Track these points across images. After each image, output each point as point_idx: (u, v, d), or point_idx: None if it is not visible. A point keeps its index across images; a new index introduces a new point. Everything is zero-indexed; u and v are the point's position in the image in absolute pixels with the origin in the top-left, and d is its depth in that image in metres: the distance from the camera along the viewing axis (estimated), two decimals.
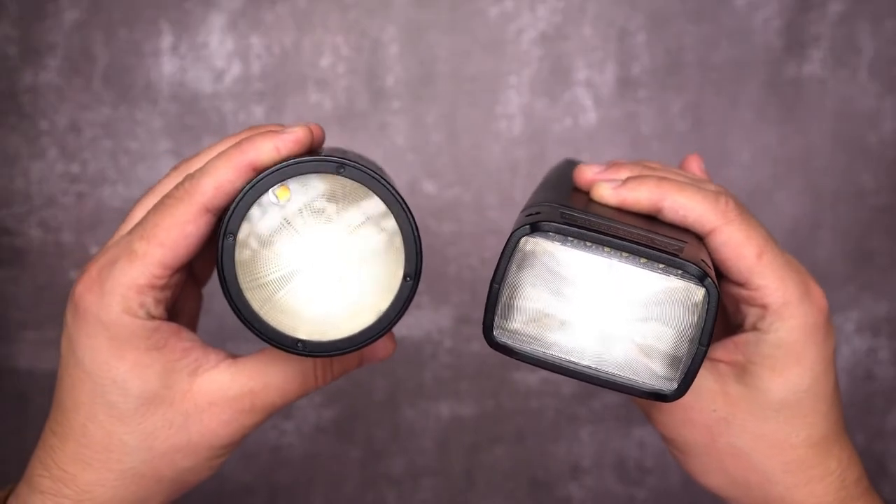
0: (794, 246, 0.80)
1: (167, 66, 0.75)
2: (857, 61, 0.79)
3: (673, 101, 0.78)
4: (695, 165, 0.46)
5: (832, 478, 0.41)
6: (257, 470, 0.78)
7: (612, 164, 0.43)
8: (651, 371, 0.37)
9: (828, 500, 0.40)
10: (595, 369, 0.38)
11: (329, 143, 0.77)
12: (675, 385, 0.37)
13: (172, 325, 0.40)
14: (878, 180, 0.80)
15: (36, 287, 0.75)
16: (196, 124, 0.75)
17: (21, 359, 0.75)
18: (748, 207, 0.81)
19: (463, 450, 0.80)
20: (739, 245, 0.39)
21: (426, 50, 0.76)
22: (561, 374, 0.38)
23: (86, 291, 0.40)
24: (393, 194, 0.39)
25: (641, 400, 0.39)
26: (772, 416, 0.40)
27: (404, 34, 0.76)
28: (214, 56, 0.75)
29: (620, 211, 0.40)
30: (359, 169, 0.39)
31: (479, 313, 0.44)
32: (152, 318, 0.39)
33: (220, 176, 0.38)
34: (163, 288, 0.39)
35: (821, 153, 0.80)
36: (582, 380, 0.38)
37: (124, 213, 0.76)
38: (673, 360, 0.37)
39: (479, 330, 0.82)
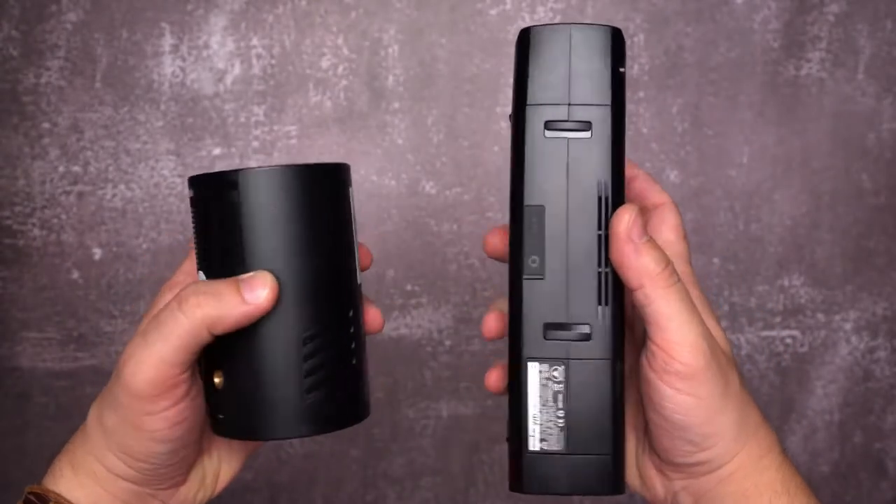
0: (792, 246, 0.81)
1: (168, 67, 0.75)
2: (855, 62, 0.80)
3: (672, 101, 0.79)
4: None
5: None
6: (258, 469, 0.78)
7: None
8: None
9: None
10: None
11: (329, 143, 0.77)
12: None
13: None
14: (876, 180, 0.81)
15: (37, 287, 0.75)
16: (197, 125, 0.76)
17: (22, 358, 0.75)
18: (748, 208, 0.82)
19: (463, 450, 0.80)
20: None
21: (426, 50, 0.77)
22: None
23: None
24: None
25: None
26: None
27: (404, 34, 0.77)
28: (215, 57, 0.75)
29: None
30: None
31: (479, 312, 0.44)
32: None
33: None
34: None
35: (819, 153, 0.80)
36: None
37: (125, 214, 0.77)
38: None
39: (478, 329, 0.82)
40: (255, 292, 0.39)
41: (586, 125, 0.41)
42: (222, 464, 0.46)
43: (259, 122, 0.76)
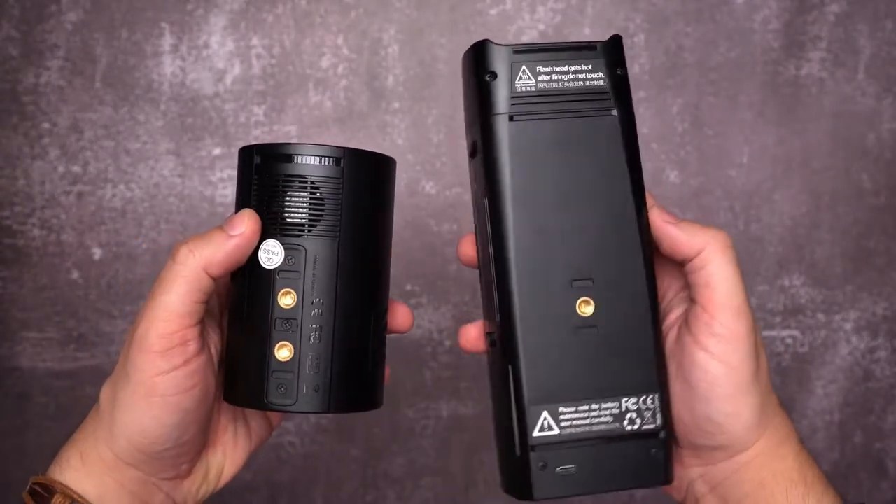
0: (793, 246, 0.81)
1: (168, 67, 0.75)
2: (855, 62, 0.80)
3: (672, 101, 0.79)
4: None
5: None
6: (258, 469, 0.78)
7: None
8: None
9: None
10: None
11: (329, 143, 0.77)
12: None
13: None
14: (876, 180, 0.81)
15: (37, 287, 0.75)
16: (197, 125, 0.76)
17: (22, 358, 0.75)
18: (748, 208, 0.82)
19: (463, 450, 0.80)
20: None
21: (426, 50, 0.77)
22: None
23: None
24: None
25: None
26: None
27: (404, 34, 0.77)
28: (215, 57, 0.76)
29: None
30: None
31: (479, 313, 0.45)
32: None
33: None
34: None
35: (819, 153, 0.80)
36: None
37: (125, 214, 0.77)
38: None
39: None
40: (238, 228, 0.41)
41: (474, 145, 0.43)
42: (227, 459, 0.47)
43: (259, 122, 0.76)
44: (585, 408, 0.40)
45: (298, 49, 0.76)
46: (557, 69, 0.41)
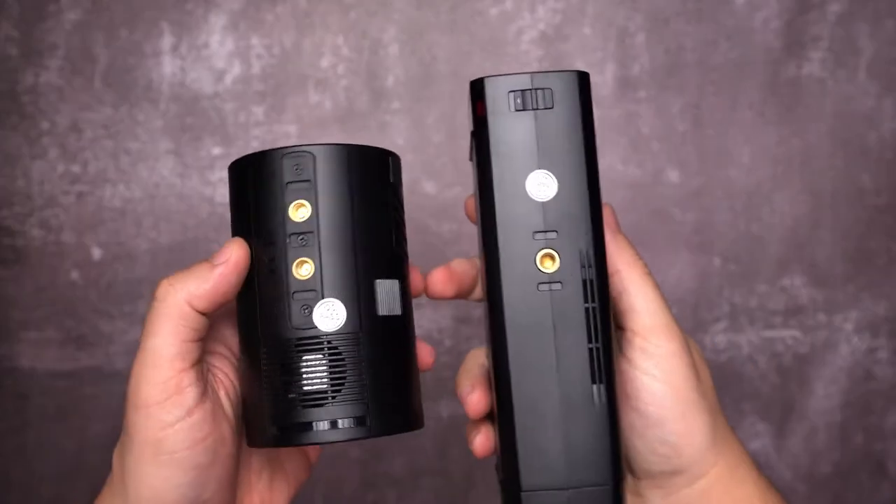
0: (793, 246, 0.81)
1: (168, 67, 0.75)
2: (856, 61, 0.80)
3: (673, 101, 0.79)
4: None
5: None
6: None
7: None
8: None
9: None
10: None
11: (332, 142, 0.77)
12: None
13: None
14: (877, 180, 0.81)
15: (37, 287, 0.75)
16: (197, 125, 0.76)
17: (22, 358, 0.75)
18: (748, 208, 0.81)
19: (463, 450, 0.80)
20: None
21: (426, 50, 0.77)
22: None
23: None
24: None
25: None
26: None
27: (404, 34, 0.76)
28: (215, 56, 0.75)
29: None
30: None
31: (479, 313, 0.44)
32: None
33: None
34: None
35: (820, 153, 0.80)
36: None
37: (125, 214, 0.77)
38: None
39: (478, 329, 0.82)
40: (223, 256, 0.39)
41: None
42: None
43: (259, 121, 0.76)
44: None
45: (298, 49, 0.76)
46: None
